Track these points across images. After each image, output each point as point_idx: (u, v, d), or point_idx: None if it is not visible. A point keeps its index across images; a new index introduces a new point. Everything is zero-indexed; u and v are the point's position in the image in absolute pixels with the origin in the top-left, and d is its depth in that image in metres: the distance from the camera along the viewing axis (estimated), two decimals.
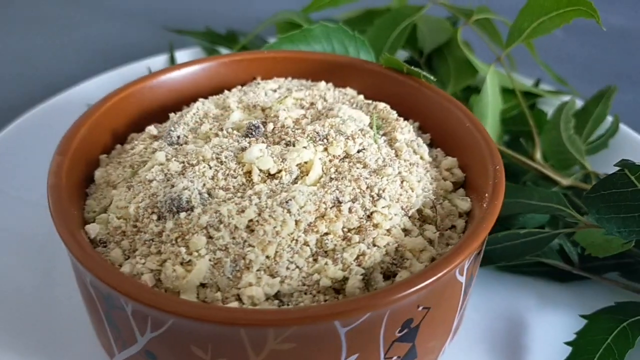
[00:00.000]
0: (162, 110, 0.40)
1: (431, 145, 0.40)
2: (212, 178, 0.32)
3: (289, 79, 0.43)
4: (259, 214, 0.30)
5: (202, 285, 0.29)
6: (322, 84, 0.42)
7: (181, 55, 0.62)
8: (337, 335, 0.27)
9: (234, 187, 0.32)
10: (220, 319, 0.25)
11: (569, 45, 0.80)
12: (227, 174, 0.32)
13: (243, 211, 0.30)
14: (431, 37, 0.65)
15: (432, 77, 0.40)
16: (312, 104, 0.39)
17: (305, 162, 0.33)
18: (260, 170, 0.32)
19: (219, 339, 0.27)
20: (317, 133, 0.35)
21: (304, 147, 0.34)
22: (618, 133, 0.54)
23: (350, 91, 0.43)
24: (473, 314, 0.41)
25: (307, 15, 0.61)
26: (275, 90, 0.41)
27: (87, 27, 0.76)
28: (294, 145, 0.34)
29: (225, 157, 0.33)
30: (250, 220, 0.30)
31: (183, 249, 0.29)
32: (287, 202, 0.30)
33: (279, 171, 0.33)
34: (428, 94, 0.40)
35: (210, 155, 0.33)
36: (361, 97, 0.41)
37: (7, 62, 0.68)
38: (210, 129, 0.36)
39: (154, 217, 0.31)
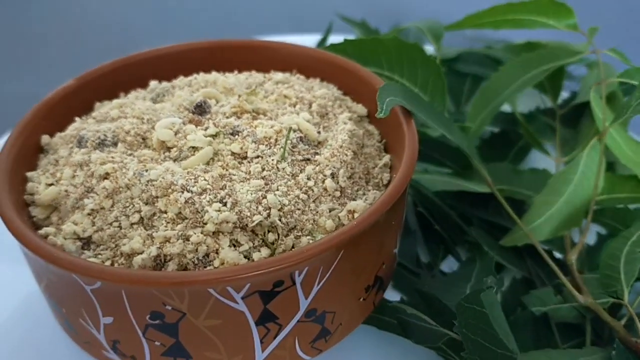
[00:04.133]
0: None
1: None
2: (127, 132, 0.37)
3: (311, 79, 0.44)
4: (115, 172, 0.34)
5: (56, 208, 0.35)
6: (323, 92, 0.42)
7: (336, 38, 0.65)
8: (84, 290, 0.30)
9: (137, 144, 0.37)
10: (11, 229, 0.31)
11: None
12: (138, 134, 0.37)
13: (105, 163, 0.34)
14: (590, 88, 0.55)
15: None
16: (293, 105, 0.40)
17: (202, 148, 0.36)
18: (162, 141, 0.36)
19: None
20: (233, 127, 0.36)
21: (209, 136, 0.36)
22: None
23: (358, 108, 0.42)
24: None
25: (446, 30, 0.58)
26: (277, 83, 0.42)
27: None
28: (205, 130, 0.37)
29: (147, 120, 0.37)
30: (107, 173, 0.34)
31: (59, 175, 0.36)
32: (143, 171, 0.34)
33: (174, 146, 0.36)
34: (402, 131, 0.37)
35: (140, 114, 0.38)
36: (349, 124, 0.39)
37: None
38: (180, 96, 0.40)
39: (70, 145, 0.37)
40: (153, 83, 0.43)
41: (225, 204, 0.33)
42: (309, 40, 0.65)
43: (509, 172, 0.50)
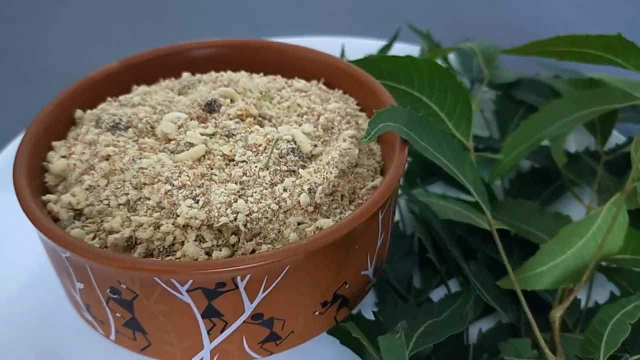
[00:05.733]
0: None
1: None
2: (140, 119, 0.40)
3: (334, 91, 0.45)
4: (114, 155, 0.38)
5: (65, 178, 0.39)
6: (335, 105, 0.42)
7: (401, 47, 0.65)
8: (61, 257, 0.34)
9: (145, 132, 0.40)
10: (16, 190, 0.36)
11: None
12: (148, 122, 0.40)
13: (108, 146, 0.38)
14: None
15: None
16: (300, 115, 0.42)
17: (197, 145, 0.38)
18: (165, 133, 0.39)
19: None
20: (230, 130, 0.39)
21: (205, 134, 0.38)
22: None
23: (362, 123, 0.42)
24: None
25: (504, 54, 0.56)
26: (296, 91, 0.44)
27: None
28: (205, 129, 0.39)
29: (159, 111, 0.41)
30: (108, 155, 0.38)
31: (73, 149, 0.40)
32: (137, 158, 0.37)
33: (174, 139, 0.39)
34: (394, 156, 0.38)
35: (155, 104, 0.41)
36: (347, 142, 0.40)
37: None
38: (200, 92, 0.43)
39: (92, 123, 0.41)
40: (185, 75, 0.46)
41: (197, 202, 0.35)
42: (374, 45, 0.66)
43: (532, 211, 0.49)
